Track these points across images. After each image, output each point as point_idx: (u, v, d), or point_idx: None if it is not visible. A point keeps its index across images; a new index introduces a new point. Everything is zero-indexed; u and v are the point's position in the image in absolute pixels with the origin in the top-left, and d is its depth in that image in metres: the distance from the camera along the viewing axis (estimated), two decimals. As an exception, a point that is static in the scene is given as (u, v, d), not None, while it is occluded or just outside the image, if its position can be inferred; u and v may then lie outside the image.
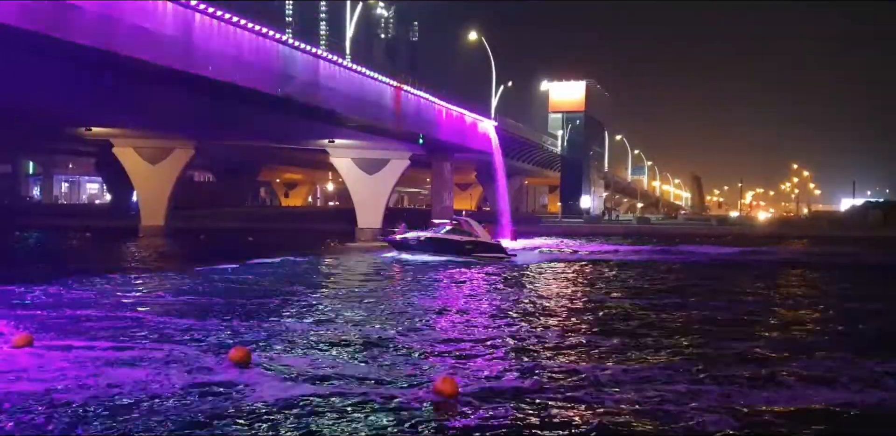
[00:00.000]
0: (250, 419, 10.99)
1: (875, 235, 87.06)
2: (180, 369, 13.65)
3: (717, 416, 11.59)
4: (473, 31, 72.32)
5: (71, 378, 12.75)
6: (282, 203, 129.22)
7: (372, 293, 26.57)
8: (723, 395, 12.76)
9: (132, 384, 12.49)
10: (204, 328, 18.12)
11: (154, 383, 12.66)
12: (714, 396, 12.72)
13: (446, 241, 42.76)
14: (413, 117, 53.28)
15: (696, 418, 11.51)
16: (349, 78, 44.26)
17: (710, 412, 11.76)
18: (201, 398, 11.89)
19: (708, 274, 36.89)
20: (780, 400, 12.59)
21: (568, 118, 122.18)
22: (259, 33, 35.49)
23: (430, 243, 42.82)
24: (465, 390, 12.42)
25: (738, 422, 11.38)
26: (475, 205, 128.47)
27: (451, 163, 69.63)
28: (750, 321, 21.33)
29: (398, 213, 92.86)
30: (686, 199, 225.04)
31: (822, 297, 28.31)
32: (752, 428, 11.22)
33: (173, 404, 11.61)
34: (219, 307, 21.75)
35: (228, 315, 20.17)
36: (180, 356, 14.69)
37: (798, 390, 13.32)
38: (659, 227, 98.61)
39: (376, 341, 17.08)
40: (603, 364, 15.17)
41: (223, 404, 11.60)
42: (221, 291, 25.82)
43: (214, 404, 11.61)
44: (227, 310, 21.17)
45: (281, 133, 55.18)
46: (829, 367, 15.01)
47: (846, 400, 12.61)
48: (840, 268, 42.39)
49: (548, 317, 21.48)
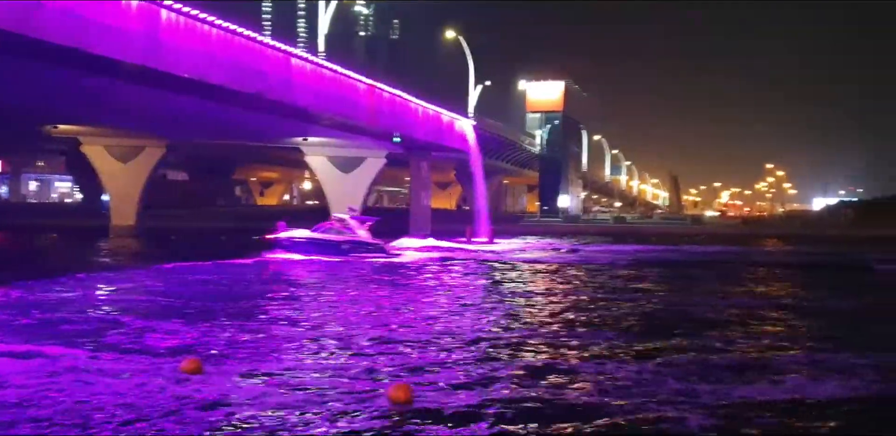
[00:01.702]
0: (200, 429, 10.59)
1: (847, 233, 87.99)
2: (135, 376, 13.17)
3: (708, 413, 11.52)
4: (451, 30, 72.17)
5: (34, 387, 12.12)
6: (257, 202, 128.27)
7: (338, 294, 26.19)
8: (711, 392, 12.74)
9: (86, 391, 12.04)
10: (167, 331, 17.68)
11: (105, 391, 12.16)
12: (705, 392, 12.68)
13: (322, 241, 41.40)
14: (389, 115, 52.89)
15: (681, 414, 11.41)
16: (323, 75, 43.81)
17: (700, 410, 11.65)
18: (152, 407, 11.45)
19: (682, 273, 36.90)
20: (771, 394, 12.66)
21: (546, 118, 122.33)
22: (229, 30, 34.99)
23: (305, 243, 41.18)
24: (419, 396, 12.09)
25: (730, 417, 11.37)
26: (455, 204, 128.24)
27: (428, 162, 69.31)
28: (728, 320, 21.25)
29: (376, 212, 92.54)
30: (664, 198, 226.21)
31: (795, 295, 28.35)
32: (744, 423, 11.21)
33: (118, 411, 11.15)
34: (184, 309, 21.24)
35: (191, 318, 19.67)
36: (139, 363, 14.23)
37: (787, 383, 13.45)
38: (635, 226, 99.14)
39: (333, 345, 16.72)
40: (578, 364, 15.01)
41: (167, 413, 11.17)
42: (188, 292, 25.30)
43: (163, 412, 11.18)
44: (192, 312, 20.66)
45: (254, 131, 54.60)
46: (813, 361, 15.26)
47: (832, 392, 12.78)
48: (811, 267, 42.62)
49: (514, 319, 21.19)
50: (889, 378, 13.92)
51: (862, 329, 20.22)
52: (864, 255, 51.80)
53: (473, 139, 69.52)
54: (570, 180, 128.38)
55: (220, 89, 35.72)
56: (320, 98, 43.62)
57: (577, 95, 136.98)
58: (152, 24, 30.46)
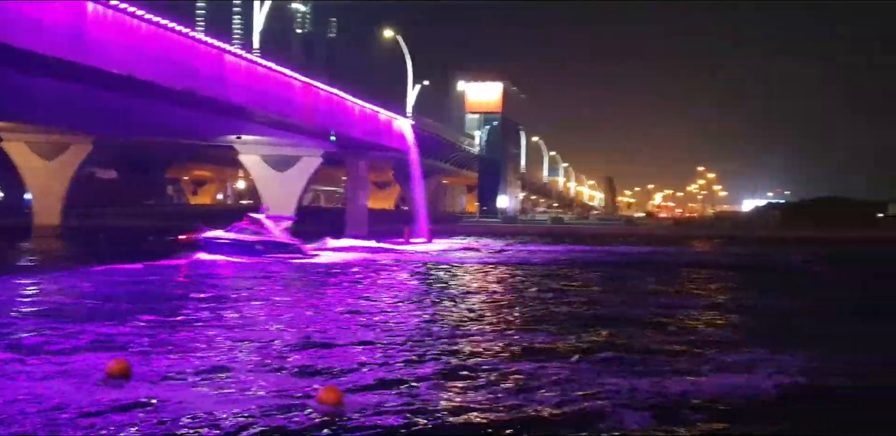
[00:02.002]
0: (129, 431, 10.17)
1: (775, 234, 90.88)
2: (61, 378, 12.72)
3: (645, 409, 11.66)
4: (389, 30, 71.80)
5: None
6: (190, 201, 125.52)
7: (267, 296, 25.75)
8: (652, 385, 13.01)
9: (10, 393, 11.59)
10: (93, 333, 17.13)
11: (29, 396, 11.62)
12: (645, 388, 12.90)
13: (236, 241, 40.55)
14: (325, 114, 52.24)
15: (619, 411, 11.53)
16: (257, 72, 42.96)
17: (637, 406, 11.78)
18: (79, 409, 10.99)
19: (616, 273, 37.38)
20: (706, 390, 12.94)
21: (485, 119, 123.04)
22: (160, 25, 34.01)
23: (218, 244, 40.25)
24: (350, 398, 11.85)
25: (666, 414, 11.53)
26: (393, 204, 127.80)
27: (366, 161, 68.78)
28: (662, 319, 21.59)
29: (312, 211, 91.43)
30: (600, 199, 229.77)
31: (726, 295, 28.96)
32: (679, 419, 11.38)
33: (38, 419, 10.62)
34: (110, 311, 20.63)
35: (117, 320, 19.06)
36: (65, 365, 13.76)
37: (719, 379, 13.75)
38: (572, 227, 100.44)
39: (263, 347, 16.39)
40: (515, 362, 14.99)
41: (93, 414, 10.72)
42: (115, 294, 24.61)
43: (89, 414, 10.74)
44: (118, 314, 20.02)
45: (186, 128, 53.23)
46: (748, 359, 15.63)
47: (762, 387, 13.16)
48: (741, 268, 43.70)
49: (450, 319, 21.10)
50: (816, 375, 14.25)
51: (790, 328, 20.76)
52: (791, 256, 53.52)
53: (412, 139, 69.29)
54: (509, 181, 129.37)
55: (149, 85, 34.65)
56: (255, 95, 42.80)
57: (516, 97, 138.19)
58: (78, 17, 29.33)
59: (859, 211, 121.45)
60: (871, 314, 23.88)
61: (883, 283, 36.29)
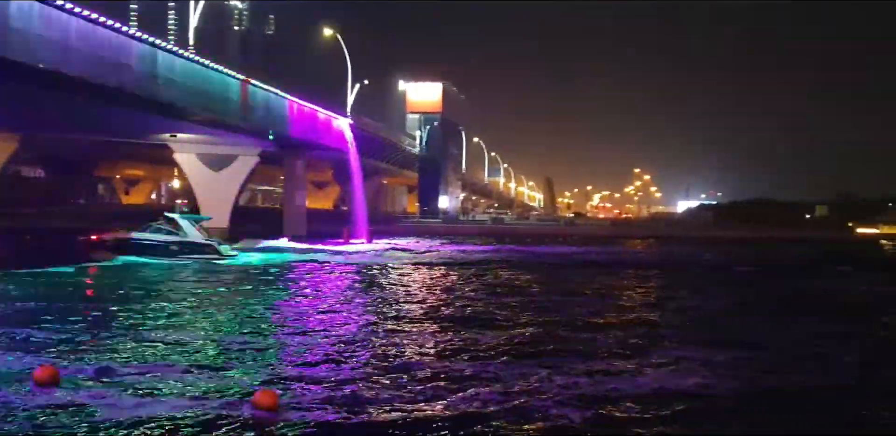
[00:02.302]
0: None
1: (707, 235, 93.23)
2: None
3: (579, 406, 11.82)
4: (328, 28, 71.22)
5: None
6: (122, 201, 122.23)
7: (202, 297, 25.25)
8: (592, 383, 13.26)
9: None
10: (19, 338, 16.60)
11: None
12: (584, 386, 13.12)
13: (149, 241, 39.65)
14: (262, 112, 51.58)
15: (560, 409, 11.66)
16: (192, 70, 42.17)
17: (570, 403, 11.93)
18: (6, 417, 10.65)
19: (555, 273, 37.79)
20: (644, 387, 13.21)
21: (426, 119, 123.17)
22: (90, 20, 33.08)
23: (132, 245, 39.25)
24: (286, 402, 11.71)
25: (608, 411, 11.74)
26: (333, 204, 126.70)
27: (304, 160, 68.09)
28: (600, 318, 21.93)
29: (250, 212, 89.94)
30: (539, 200, 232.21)
31: (660, 295, 29.51)
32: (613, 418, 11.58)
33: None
34: (37, 315, 19.90)
35: (45, 324, 18.41)
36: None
37: (657, 378, 14.01)
38: (512, 227, 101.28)
39: (196, 350, 16.06)
40: (453, 361, 15.01)
41: (22, 421, 10.39)
42: (40, 296, 23.82)
43: (18, 421, 10.40)
44: (47, 318, 19.33)
45: (117, 126, 51.88)
46: (680, 357, 15.93)
47: (692, 387, 13.45)
48: (675, 267, 44.66)
49: (384, 320, 21.00)
50: (743, 373, 14.65)
51: (720, 326, 21.24)
52: (721, 255, 54.90)
53: (351, 138, 68.90)
54: (450, 182, 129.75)
55: (79, 82, 33.66)
56: (189, 93, 41.99)
57: (456, 98, 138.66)
58: (1, 9, 28.28)
59: (788, 212, 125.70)
60: (791, 313, 24.66)
61: (803, 282, 37.50)
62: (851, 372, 15.26)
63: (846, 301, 28.94)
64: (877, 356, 17.25)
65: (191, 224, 41.50)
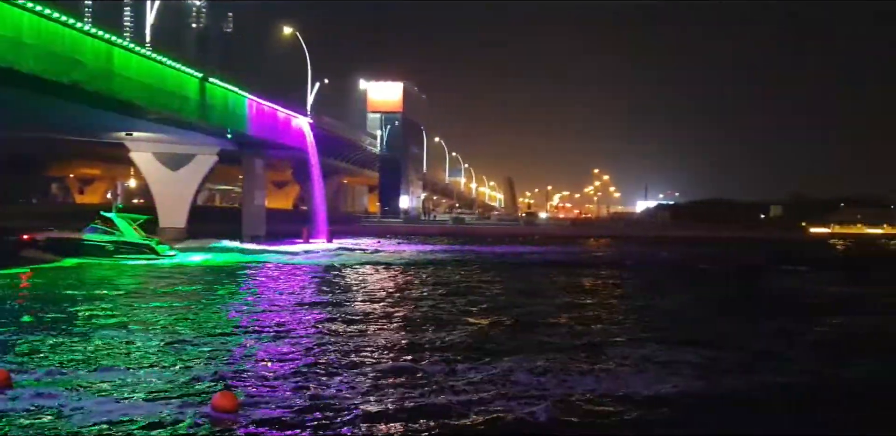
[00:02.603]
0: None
1: (664, 234, 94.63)
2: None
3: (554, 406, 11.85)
4: (288, 27, 70.63)
5: None
6: (76, 200, 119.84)
7: (156, 297, 24.92)
8: (558, 384, 13.31)
9: None
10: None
11: None
12: (552, 386, 13.19)
13: (84, 241, 38.96)
14: (221, 111, 50.91)
15: (528, 409, 11.68)
16: (149, 67, 41.45)
17: (535, 404, 11.94)
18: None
19: (516, 273, 38.00)
20: (611, 387, 13.31)
21: (386, 118, 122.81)
22: (43, 15, 32.31)
23: (63, 245, 38.57)
24: (246, 404, 11.60)
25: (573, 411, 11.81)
26: (292, 204, 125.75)
27: (263, 159, 67.35)
28: (562, 317, 22.06)
29: (208, 211, 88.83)
30: (500, 200, 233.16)
31: (617, 292, 29.89)
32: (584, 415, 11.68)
33: None
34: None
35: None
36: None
37: (622, 376, 14.19)
38: (473, 227, 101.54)
39: (154, 352, 15.81)
40: (408, 361, 15.04)
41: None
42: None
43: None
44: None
45: (71, 124, 50.82)
46: (642, 355, 16.17)
47: (655, 386, 13.53)
48: (629, 266, 45.22)
49: (343, 322, 20.87)
50: (704, 372, 14.85)
51: (682, 325, 21.46)
52: (675, 254, 55.69)
53: (311, 137, 68.39)
54: (411, 181, 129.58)
55: (31, 79, 32.81)
56: (146, 91, 41.25)
57: (417, 97, 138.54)
58: (-51, 3, 27.56)
59: (744, 212, 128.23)
60: (750, 312, 25.12)
61: (760, 281, 38.25)
62: (810, 371, 15.52)
63: (803, 301, 29.41)
64: (834, 355, 17.57)
65: (127, 224, 40.70)
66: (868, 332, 21.36)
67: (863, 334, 20.91)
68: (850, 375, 15.40)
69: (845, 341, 19.60)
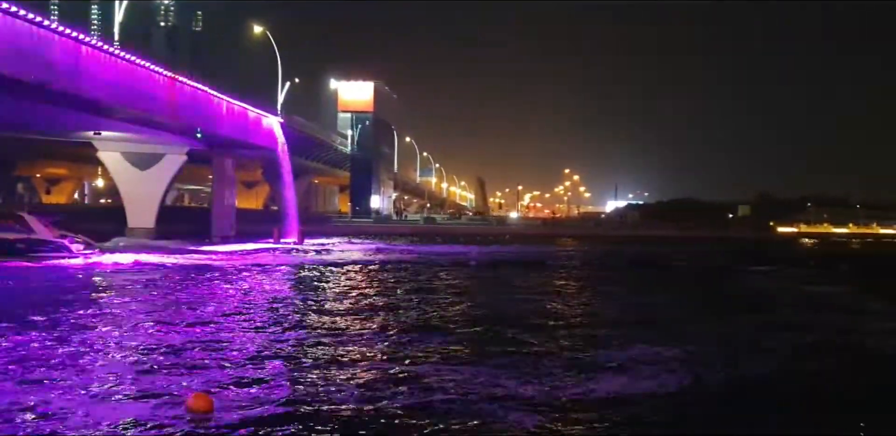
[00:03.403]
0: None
1: (634, 233, 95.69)
2: None
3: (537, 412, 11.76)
4: (258, 26, 70.28)
5: None
6: (43, 200, 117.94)
7: (132, 297, 24.61)
8: (543, 391, 13.06)
9: None
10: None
11: None
12: (539, 388, 13.10)
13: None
14: (190, 110, 50.52)
15: (513, 413, 11.62)
16: (117, 66, 41.04)
17: (522, 409, 11.89)
18: None
19: (492, 273, 38.16)
20: (596, 390, 13.17)
21: (357, 118, 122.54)
22: (7, 12, 31.88)
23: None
24: (221, 406, 11.57)
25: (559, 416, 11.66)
26: (262, 204, 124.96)
27: (233, 159, 67.00)
28: (543, 318, 22.00)
29: (177, 211, 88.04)
30: (471, 200, 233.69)
31: (602, 292, 29.89)
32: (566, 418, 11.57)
33: None
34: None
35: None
36: None
37: (606, 378, 14.07)
38: (444, 226, 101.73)
39: (127, 353, 15.60)
40: (388, 363, 14.98)
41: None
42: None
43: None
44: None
45: (37, 123, 50.10)
46: (629, 356, 16.11)
47: (647, 387, 13.50)
48: (612, 266, 45.59)
49: (318, 319, 20.85)
50: (696, 372, 14.82)
51: (666, 324, 21.45)
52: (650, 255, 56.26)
53: (282, 137, 68.10)
54: (382, 181, 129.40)
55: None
56: (115, 90, 40.87)
57: (388, 97, 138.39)
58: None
59: (712, 212, 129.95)
60: (726, 310, 25.39)
61: (732, 280, 38.80)
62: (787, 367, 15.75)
63: (778, 298, 29.62)
64: (811, 351, 17.82)
65: (39, 222, 39.77)
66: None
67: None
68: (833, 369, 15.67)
69: (822, 338, 19.70)
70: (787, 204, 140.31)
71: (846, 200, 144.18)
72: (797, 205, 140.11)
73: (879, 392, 14.03)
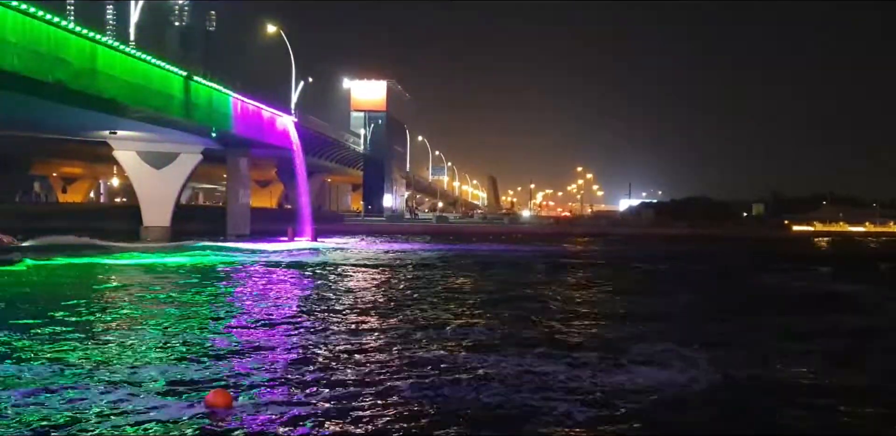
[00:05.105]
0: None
1: (648, 232, 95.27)
2: None
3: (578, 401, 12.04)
4: (272, 25, 70.48)
5: None
6: (59, 199, 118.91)
7: (141, 299, 24.79)
8: (589, 379, 13.48)
9: None
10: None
11: None
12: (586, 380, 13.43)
13: None
14: (205, 109, 50.82)
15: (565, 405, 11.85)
16: (133, 65, 41.35)
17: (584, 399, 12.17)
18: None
19: (506, 272, 38.08)
20: (634, 383, 13.43)
21: (370, 117, 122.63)
22: (27, 14, 32.20)
23: None
24: (240, 402, 11.69)
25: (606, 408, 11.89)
26: (276, 203, 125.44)
27: (248, 158, 67.33)
28: (573, 316, 22.10)
29: (192, 210, 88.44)
30: (483, 198, 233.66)
31: (623, 292, 29.61)
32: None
33: None
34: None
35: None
36: None
37: (640, 372, 14.30)
38: (456, 225, 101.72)
39: (149, 351, 15.78)
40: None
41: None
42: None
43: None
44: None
45: (54, 123, 50.52)
46: (659, 352, 16.26)
47: (680, 381, 13.74)
48: (618, 265, 45.26)
49: (333, 321, 20.94)
50: (721, 369, 14.87)
51: (691, 325, 21.30)
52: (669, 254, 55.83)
53: (296, 136, 68.37)
54: (395, 180, 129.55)
55: (13, 77, 32.65)
56: (130, 90, 41.16)
57: (401, 96, 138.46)
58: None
59: (727, 211, 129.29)
60: (755, 310, 25.20)
61: (762, 280, 38.07)
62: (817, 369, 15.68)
63: (807, 299, 29.04)
64: (843, 352, 17.68)
65: None
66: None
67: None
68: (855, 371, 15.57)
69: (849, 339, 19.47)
70: (800, 203, 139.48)
71: (856, 200, 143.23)
72: (811, 203, 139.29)
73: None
